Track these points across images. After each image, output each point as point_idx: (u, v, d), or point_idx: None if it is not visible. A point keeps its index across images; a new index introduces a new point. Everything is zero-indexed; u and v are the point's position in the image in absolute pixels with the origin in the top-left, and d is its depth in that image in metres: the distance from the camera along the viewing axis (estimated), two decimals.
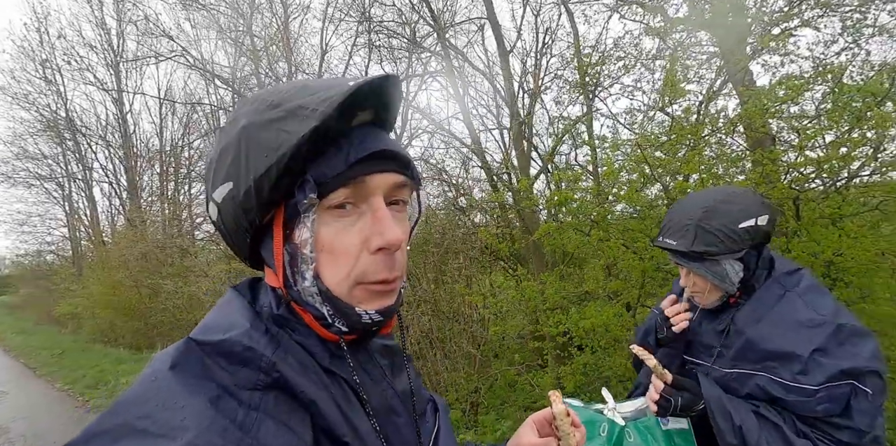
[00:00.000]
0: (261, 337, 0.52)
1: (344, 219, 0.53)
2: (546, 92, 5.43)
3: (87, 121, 15.30)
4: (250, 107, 0.54)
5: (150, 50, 10.79)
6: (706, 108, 3.42)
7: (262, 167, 0.49)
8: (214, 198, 0.55)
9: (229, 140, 0.53)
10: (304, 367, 0.53)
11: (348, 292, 0.55)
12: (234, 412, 0.45)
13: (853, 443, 1.05)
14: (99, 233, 15.35)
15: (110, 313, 10.70)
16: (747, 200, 1.20)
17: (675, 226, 1.22)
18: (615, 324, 3.54)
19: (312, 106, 0.49)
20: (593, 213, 3.55)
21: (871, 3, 2.88)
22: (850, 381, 1.04)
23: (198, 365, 0.48)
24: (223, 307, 0.58)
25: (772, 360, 1.13)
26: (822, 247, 3.00)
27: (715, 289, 1.24)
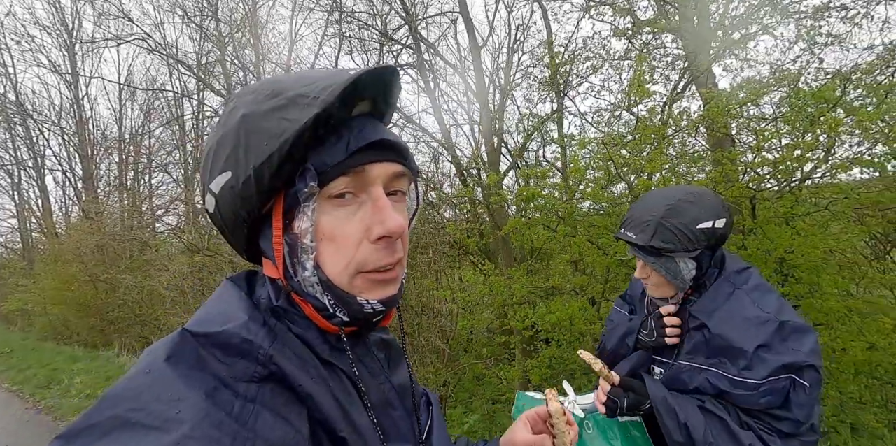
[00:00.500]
0: (259, 329, 0.52)
1: (344, 208, 0.53)
2: (517, 88, 5.47)
3: (39, 106, 14.49)
4: (249, 96, 0.53)
5: (108, 32, 10.26)
6: (670, 108, 3.51)
7: (264, 155, 0.49)
8: (212, 188, 0.54)
9: (227, 130, 0.52)
10: (302, 360, 0.53)
11: (349, 282, 0.54)
12: (231, 404, 0.45)
13: (792, 433, 1.11)
14: (52, 225, 14.57)
15: (63, 309, 10.21)
16: (709, 202, 1.23)
17: (637, 220, 1.25)
18: (580, 318, 3.62)
19: (313, 94, 0.49)
20: (560, 210, 3.61)
21: (825, 10, 3.02)
22: (789, 375, 1.09)
23: (193, 356, 0.47)
24: (219, 298, 0.57)
25: (722, 356, 1.18)
26: (774, 244, 3.14)
27: (667, 284, 1.29)
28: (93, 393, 6.16)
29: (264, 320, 0.54)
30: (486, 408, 4.74)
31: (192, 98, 11.95)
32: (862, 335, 3.13)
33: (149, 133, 13.72)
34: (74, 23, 13.13)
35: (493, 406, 4.88)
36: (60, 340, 10.53)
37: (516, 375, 4.45)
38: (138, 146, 13.71)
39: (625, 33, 3.88)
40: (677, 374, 1.24)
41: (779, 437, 1.11)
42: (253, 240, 0.57)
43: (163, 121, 13.17)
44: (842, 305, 3.19)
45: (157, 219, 12.24)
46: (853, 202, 3.00)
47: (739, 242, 3.34)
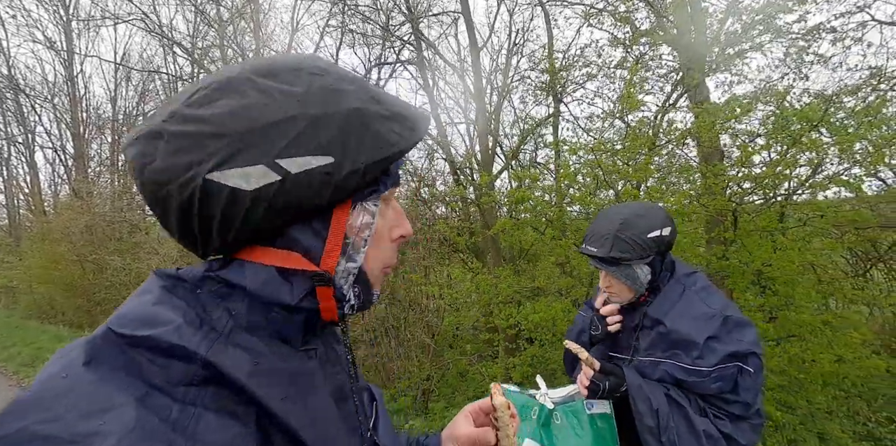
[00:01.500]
0: (194, 332, 0.46)
1: (387, 210, 0.61)
2: (514, 91, 5.51)
3: (31, 81, 14.26)
4: (350, 86, 0.53)
5: (106, 11, 10.09)
6: (661, 119, 3.58)
7: (379, 155, 0.53)
8: (282, 165, 0.47)
9: (331, 111, 0.50)
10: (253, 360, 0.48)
11: (378, 275, 0.61)
12: (167, 409, 0.41)
13: (742, 415, 1.27)
14: (40, 202, 14.41)
15: (50, 288, 10.16)
16: (655, 214, 1.40)
17: (596, 235, 1.41)
18: (563, 319, 3.71)
19: (412, 120, 0.57)
20: (549, 213, 3.68)
21: (816, 32, 3.10)
22: (736, 363, 1.25)
23: (120, 359, 0.42)
24: (147, 295, 0.50)
25: (676, 348, 1.33)
26: (753, 256, 3.24)
27: (627, 290, 1.44)
28: None
29: (201, 321, 0.48)
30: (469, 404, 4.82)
31: (187, 81, 11.82)
32: (831, 348, 3.25)
33: (143, 114, 13.58)
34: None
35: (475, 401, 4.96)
36: (45, 319, 10.48)
37: (499, 372, 4.54)
38: (132, 127, 13.56)
39: (622, 43, 3.93)
40: (639, 368, 1.39)
41: (730, 421, 1.27)
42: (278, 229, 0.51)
43: (157, 104, 13.02)
44: (816, 318, 3.31)
45: None
46: (830, 220, 3.10)
47: (721, 253, 3.44)
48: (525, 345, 4.28)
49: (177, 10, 11.27)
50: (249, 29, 8.25)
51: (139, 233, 9.36)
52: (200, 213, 0.48)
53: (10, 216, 16.13)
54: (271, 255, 0.53)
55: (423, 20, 5.85)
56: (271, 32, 8.86)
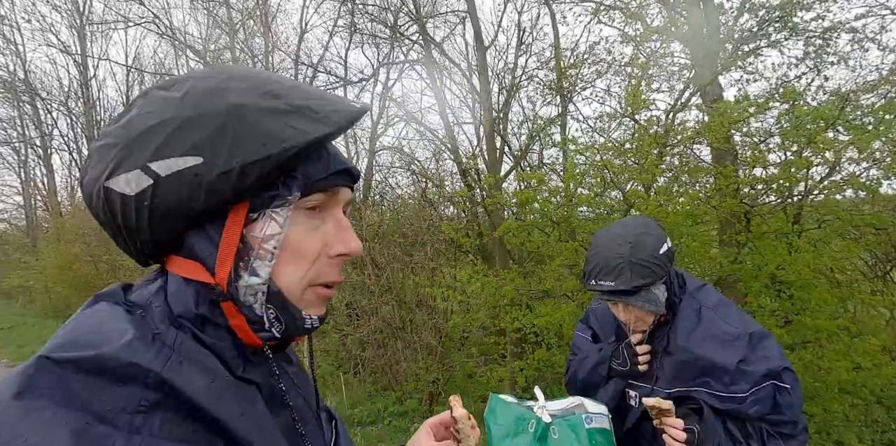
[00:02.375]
0: (146, 349, 0.44)
1: (313, 222, 0.54)
2: (522, 90, 5.46)
3: (48, 85, 14.53)
4: (240, 84, 0.50)
5: (118, 14, 10.24)
6: (673, 117, 3.50)
7: (258, 154, 0.47)
8: (152, 168, 0.47)
9: (205, 111, 0.48)
10: (210, 377, 0.47)
11: (300, 295, 0.54)
12: (110, 440, 0.38)
13: (791, 433, 1.20)
14: (56, 204, 14.69)
15: (65, 288, 10.33)
16: (653, 229, 1.31)
17: (606, 267, 1.25)
18: (569, 323, 3.65)
19: (323, 112, 0.51)
20: (555, 214, 3.62)
21: (834, 31, 3.00)
22: (771, 381, 1.18)
23: (56, 389, 0.39)
24: (88, 317, 0.48)
25: (706, 376, 1.24)
26: (766, 259, 3.15)
27: (649, 314, 1.32)
28: None
29: (153, 336, 0.46)
30: (476, 406, 4.78)
31: None
32: (848, 355, 3.15)
33: None
34: (85, 3, 13.14)
35: (482, 404, 4.91)
36: (61, 318, 10.65)
37: (505, 375, 4.49)
38: None
39: (633, 39, 3.86)
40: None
41: (781, 440, 1.20)
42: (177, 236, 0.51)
43: None
44: (832, 323, 3.21)
45: None
46: (846, 223, 3.00)
47: (733, 256, 3.35)
48: (532, 349, 4.22)
49: (189, 14, 11.40)
50: (260, 31, 8.30)
51: None
52: (110, 221, 0.51)
53: (27, 217, 16.47)
54: (179, 265, 0.52)
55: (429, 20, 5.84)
56: (281, 34, 8.91)
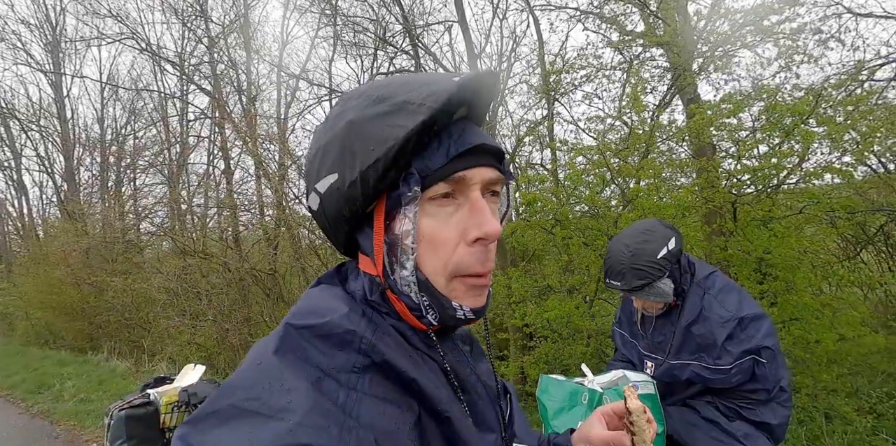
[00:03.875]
0: (359, 319, 0.54)
1: (444, 209, 0.55)
2: (512, 95, 5.65)
3: (17, 104, 14.09)
4: (355, 102, 0.56)
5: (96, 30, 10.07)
6: (658, 118, 3.74)
7: (370, 159, 0.51)
8: (318, 188, 0.57)
9: (334, 134, 0.55)
10: (402, 349, 0.55)
11: (446, 284, 0.56)
12: (336, 393, 0.47)
13: (766, 399, 1.46)
14: (31, 226, 14.24)
15: (49, 313, 10.02)
16: (656, 234, 1.55)
17: (614, 270, 1.56)
18: (575, 316, 3.84)
19: (419, 101, 0.51)
20: (556, 213, 3.81)
21: (801, 32, 3.29)
22: (751, 357, 1.45)
23: (298, 348, 0.50)
24: (317, 294, 0.60)
25: (701, 351, 1.52)
26: (753, 245, 3.40)
27: (658, 304, 1.64)
28: (87, 396, 6.13)
29: (363, 311, 0.56)
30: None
31: (178, 99, 11.83)
32: (833, 328, 3.42)
33: (133, 133, 13.53)
34: (58, 20, 12.84)
35: None
36: (45, 345, 10.33)
37: (513, 372, 4.64)
38: (121, 146, 13.49)
39: (616, 45, 4.09)
40: (670, 370, 1.59)
41: (759, 406, 1.47)
42: (352, 236, 0.60)
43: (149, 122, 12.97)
44: (815, 301, 3.49)
45: (142, 220, 12.08)
46: (824, 206, 3.27)
47: (722, 244, 3.60)
48: (539, 344, 4.39)
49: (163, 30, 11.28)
50: (241, 43, 8.31)
51: (135, 251, 9.32)
52: (320, 227, 0.63)
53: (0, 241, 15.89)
54: (361, 259, 0.61)
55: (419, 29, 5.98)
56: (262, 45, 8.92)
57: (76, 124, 13.92)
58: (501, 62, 5.66)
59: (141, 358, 7.87)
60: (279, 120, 8.75)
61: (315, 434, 0.42)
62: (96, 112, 13.76)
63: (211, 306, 7.43)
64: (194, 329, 7.27)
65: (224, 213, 9.19)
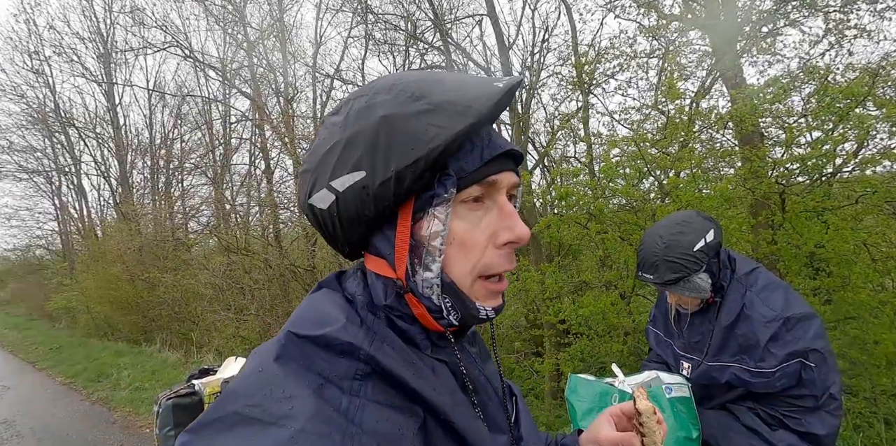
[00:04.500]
0: (357, 331, 0.53)
1: (475, 213, 0.55)
2: (543, 88, 5.55)
3: (77, 113, 15.10)
4: (385, 96, 0.53)
5: (141, 40, 10.64)
6: (697, 105, 3.57)
7: (408, 159, 0.50)
8: (333, 186, 0.54)
9: (360, 129, 0.52)
10: (403, 356, 0.54)
11: (470, 286, 0.56)
12: (338, 400, 0.47)
13: (814, 406, 1.34)
14: (91, 228, 15.23)
15: (107, 307, 10.70)
16: (694, 226, 1.46)
17: (647, 262, 1.48)
18: (612, 312, 3.73)
19: (464, 102, 0.50)
20: (591, 207, 3.71)
21: (853, 3, 3.04)
22: (798, 360, 1.32)
23: (300, 356, 0.50)
24: (315, 301, 0.58)
25: (742, 353, 1.41)
26: (804, 238, 3.20)
27: (694, 299, 1.52)
28: (141, 385, 6.51)
29: (361, 320, 0.55)
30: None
31: (220, 102, 12.32)
32: (895, 327, 3.17)
33: (179, 137, 14.20)
34: (109, 33, 13.66)
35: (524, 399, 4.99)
36: (104, 336, 11.04)
37: (548, 368, 4.58)
38: (170, 150, 14.21)
39: (651, 31, 3.93)
40: (709, 371, 1.48)
41: (805, 415, 1.34)
42: (365, 238, 0.58)
43: (193, 126, 13.59)
44: (874, 298, 3.24)
45: (189, 219, 12.69)
46: (883, 195, 3.03)
47: (769, 237, 3.40)
48: (574, 340, 4.31)
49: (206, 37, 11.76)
50: (277, 46, 8.55)
51: (184, 249, 9.79)
52: (319, 228, 0.60)
53: (63, 241, 17.07)
54: (372, 262, 0.59)
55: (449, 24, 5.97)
56: (298, 48, 9.16)
57: (128, 130, 14.76)
58: (533, 54, 5.56)
59: (190, 350, 8.27)
60: (315, 120, 8.97)
61: (317, 440, 0.42)
62: (145, 118, 14.56)
63: (254, 301, 7.70)
64: (238, 323, 7.56)
65: (265, 212, 9.50)
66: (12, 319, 16.41)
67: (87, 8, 13.34)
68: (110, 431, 5.09)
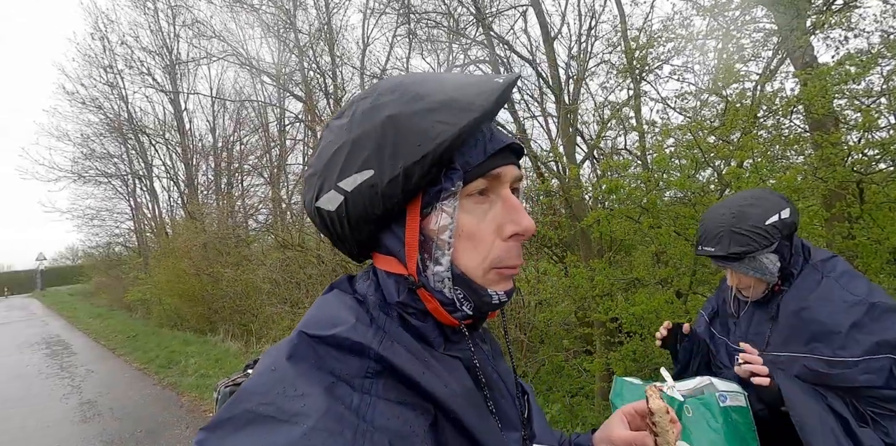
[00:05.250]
0: (366, 330, 0.54)
1: (481, 207, 0.56)
2: (592, 77, 5.36)
3: (147, 122, 16.32)
4: (389, 97, 0.55)
5: (202, 51, 11.32)
6: (762, 88, 3.31)
7: (416, 155, 0.51)
8: (341, 186, 0.55)
9: (366, 129, 0.54)
10: (414, 354, 0.54)
11: (483, 275, 0.57)
12: (349, 398, 0.47)
13: None
14: (162, 226, 16.43)
15: (176, 299, 11.49)
16: (768, 200, 1.33)
17: (710, 234, 1.35)
18: (666, 311, 3.55)
19: (468, 99, 0.52)
20: (643, 200, 3.54)
21: None
22: (888, 355, 1.14)
23: (312, 355, 0.51)
24: (326, 302, 0.60)
25: (816, 341, 1.23)
26: (886, 232, 2.89)
27: (759, 282, 1.36)
28: (206, 372, 6.96)
29: (370, 319, 0.56)
30: (567, 400, 4.74)
31: (276, 106, 12.86)
32: None
33: (238, 140, 14.99)
34: (173, 45, 14.65)
35: (573, 399, 4.86)
36: (174, 326, 11.88)
37: (598, 368, 4.43)
38: (231, 152, 15.03)
39: (709, 10, 3.67)
40: (775, 364, 1.28)
41: (892, 423, 1.15)
42: (374, 237, 0.59)
43: (252, 129, 14.31)
44: None
45: (248, 217, 13.38)
46: None
47: (846, 231, 3.10)
48: (625, 340, 4.14)
49: (261, 43, 12.32)
50: (326, 50, 8.81)
51: (243, 245, 10.32)
52: (327, 231, 0.61)
53: (138, 239, 18.52)
54: (382, 260, 0.60)
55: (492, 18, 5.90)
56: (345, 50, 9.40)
57: (193, 135, 15.76)
58: (580, 43, 5.38)
59: (250, 341, 8.73)
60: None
61: (329, 437, 0.43)
62: (208, 123, 15.50)
63: (308, 295, 7.99)
64: (293, 315, 7.87)
65: None
66: (96, 310, 18.00)
67: (154, 23, 14.35)
68: (178, 414, 5.48)
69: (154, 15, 14.26)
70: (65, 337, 12.17)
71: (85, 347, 10.46)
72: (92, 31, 14.70)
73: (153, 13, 14.24)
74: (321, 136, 0.61)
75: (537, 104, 6.17)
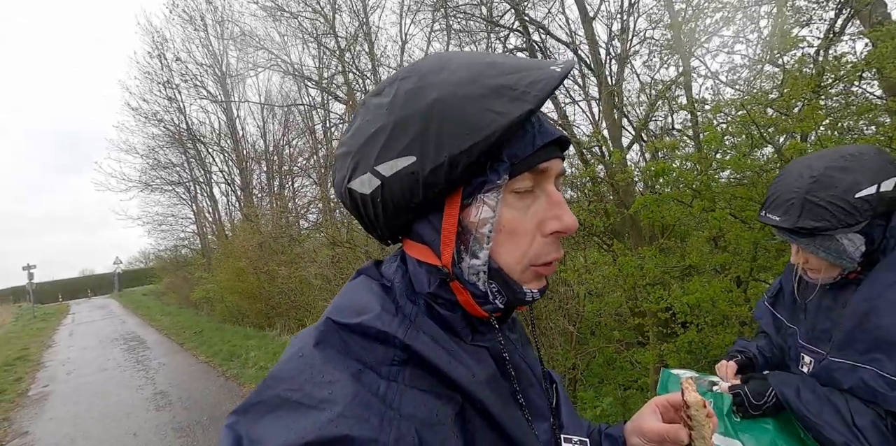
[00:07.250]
0: (392, 319, 0.53)
1: (523, 201, 0.54)
2: (635, 56, 5.11)
3: (204, 131, 17.37)
4: (436, 77, 0.51)
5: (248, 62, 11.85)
6: (826, 53, 3.02)
7: (464, 145, 0.48)
8: (379, 170, 0.52)
9: (410, 112, 0.51)
10: (439, 344, 0.53)
11: (521, 272, 0.55)
12: (376, 384, 0.47)
13: None
14: (221, 228, 17.41)
15: (236, 297, 12.14)
16: (867, 163, 1.02)
17: (779, 199, 1.09)
18: (723, 300, 3.34)
19: (521, 88, 0.48)
20: (695, 183, 3.34)
21: None
22: None
23: (339, 342, 0.51)
24: (353, 289, 0.59)
25: (878, 351, 0.98)
26: None
27: (832, 266, 1.10)
28: (265, 365, 7.30)
29: (396, 308, 0.55)
30: (619, 393, 4.59)
31: (320, 109, 13.24)
32: None
33: (287, 143, 15.58)
34: (222, 58, 15.52)
35: (625, 392, 4.71)
36: (235, 322, 12.57)
37: (651, 360, 4.25)
38: (281, 156, 15.67)
39: None
40: (828, 372, 1.08)
41: None
42: (408, 224, 0.57)
43: (300, 132, 14.84)
44: None
45: (300, 217, 13.89)
46: None
47: None
48: (679, 331, 3.93)
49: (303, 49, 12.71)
50: (365, 51, 8.96)
51: (297, 244, 10.72)
52: (357, 213, 0.58)
53: (201, 241, 19.75)
54: (414, 248, 0.58)
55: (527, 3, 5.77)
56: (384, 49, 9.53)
57: (246, 141, 16.56)
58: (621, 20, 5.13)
59: None
60: None
61: (356, 424, 0.42)
62: (259, 128, 16.23)
63: None
64: None
65: None
66: (167, 308, 19.43)
67: (204, 38, 15.22)
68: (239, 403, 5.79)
69: (204, 30, 15.11)
70: (140, 333, 13.21)
71: (157, 342, 11.28)
72: (149, 51, 15.77)
73: (203, 29, 15.09)
74: (356, 113, 0.58)
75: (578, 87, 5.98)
